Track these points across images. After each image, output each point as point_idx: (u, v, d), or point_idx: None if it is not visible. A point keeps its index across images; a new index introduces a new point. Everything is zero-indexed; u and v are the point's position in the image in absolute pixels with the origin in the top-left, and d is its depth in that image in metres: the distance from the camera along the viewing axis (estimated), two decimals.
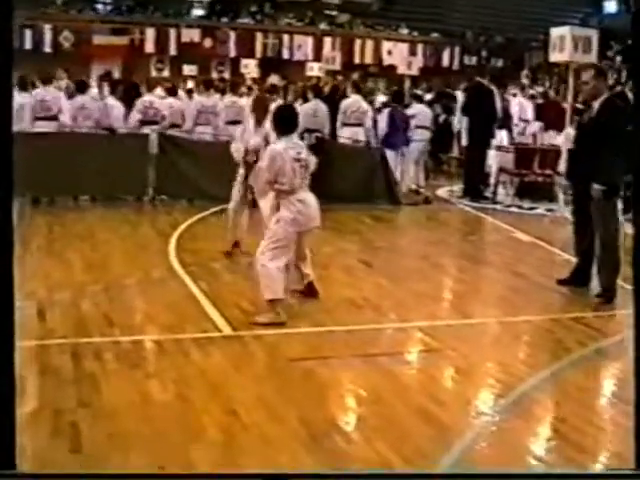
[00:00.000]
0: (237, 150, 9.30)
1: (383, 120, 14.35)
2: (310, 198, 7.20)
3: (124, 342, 6.39)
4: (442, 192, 15.32)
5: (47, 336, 6.47)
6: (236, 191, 9.48)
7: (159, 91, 15.83)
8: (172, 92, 15.38)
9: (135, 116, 13.87)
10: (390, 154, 13.83)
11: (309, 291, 7.75)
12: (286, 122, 7.27)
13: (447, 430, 4.90)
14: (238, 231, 9.56)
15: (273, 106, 9.46)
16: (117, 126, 13.45)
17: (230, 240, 9.55)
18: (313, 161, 7.43)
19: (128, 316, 7.09)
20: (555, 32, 12.81)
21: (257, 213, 8.62)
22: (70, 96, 13.84)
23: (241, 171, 9.32)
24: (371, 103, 16.51)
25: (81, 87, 13.73)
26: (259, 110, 9.41)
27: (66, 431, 4.73)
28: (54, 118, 12.99)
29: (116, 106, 13.72)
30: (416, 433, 4.86)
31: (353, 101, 14.72)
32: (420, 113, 15.19)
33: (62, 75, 16.83)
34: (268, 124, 8.98)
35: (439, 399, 5.38)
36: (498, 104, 14.81)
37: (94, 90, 14.36)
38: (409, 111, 14.99)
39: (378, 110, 15.42)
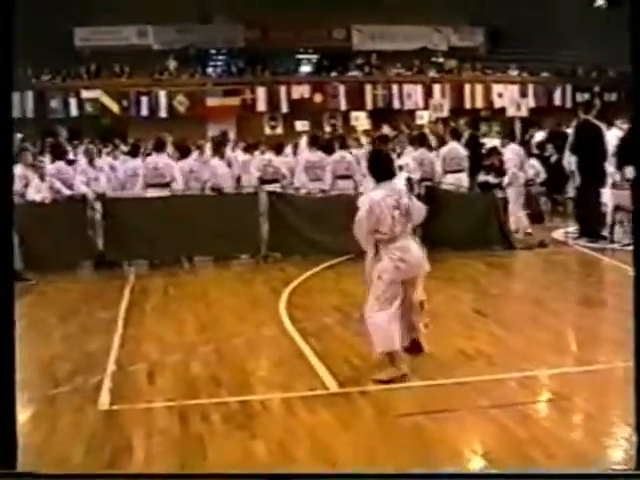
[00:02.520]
0: None
1: None
2: (412, 245, 6.96)
3: (231, 402, 6.39)
4: (558, 234, 14.95)
5: (156, 398, 6.54)
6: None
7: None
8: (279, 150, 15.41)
9: (254, 174, 14.08)
10: None
11: (412, 347, 7.38)
12: (381, 168, 7.04)
13: None
14: None
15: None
16: (224, 185, 13.64)
17: None
18: (419, 207, 7.19)
19: (236, 376, 7.08)
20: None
21: None
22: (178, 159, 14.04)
23: None
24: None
25: (184, 151, 14.00)
26: None
27: None
28: (167, 185, 13.24)
29: (220, 165, 13.95)
30: None
31: (451, 148, 14.65)
32: (511, 156, 14.98)
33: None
34: None
35: (550, 452, 5.15)
36: (610, 140, 14.46)
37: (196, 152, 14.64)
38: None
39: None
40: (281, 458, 5.23)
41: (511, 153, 15.12)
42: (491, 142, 18.27)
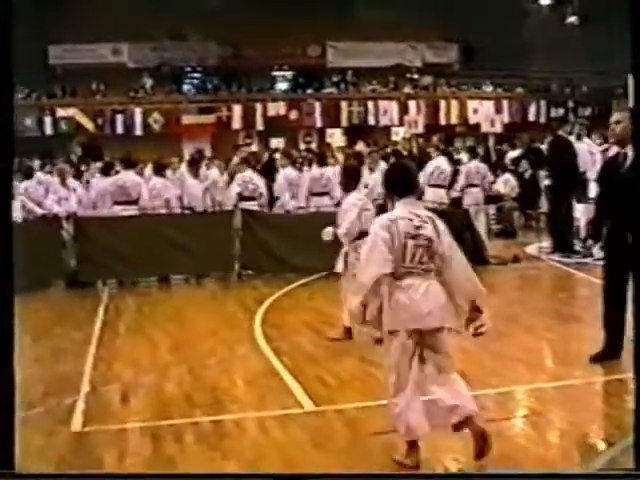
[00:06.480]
0: (327, 233, 8.80)
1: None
2: (425, 288, 5.37)
3: (204, 423, 6.37)
4: (531, 249, 15.02)
5: (129, 419, 6.51)
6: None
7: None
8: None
9: (234, 190, 14.02)
10: None
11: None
12: (397, 184, 5.57)
13: None
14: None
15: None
16: (194, 204, 13.63)
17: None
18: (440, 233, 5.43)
19: (210, 396, 7.05)
20: (632, 76, 12.44)
21: None
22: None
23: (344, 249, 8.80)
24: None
25: (159, 169, 14.03)
26: (347, 180, 9.11)
27: None
28: (134, 202, 13.26)
29: (193, 184, 13.94)
30: None
31: (439, 162, 14.67)
32: (470, 171, 15.13)
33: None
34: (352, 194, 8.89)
35: (522, 469, 5.16)
36: (584, 155, 14.58)
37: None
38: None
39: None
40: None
41: (466, 170, 15.21)
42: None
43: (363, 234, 7.92)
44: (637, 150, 4.49)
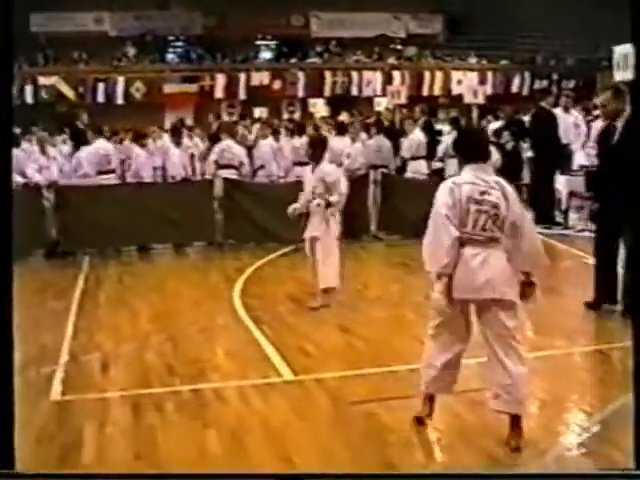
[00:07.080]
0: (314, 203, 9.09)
1: None
2: (483, 258, 5.16)
3: (185, 392, 6.37)
4: None
5: (109, 389, 6.50)
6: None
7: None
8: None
9: (212, 158, 13.94)
10: None
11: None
12: (467, 148, 5.44)
13: None
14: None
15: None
16: (176, 174, 13.60)
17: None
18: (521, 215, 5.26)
19: (190, 365, 7.05)
20: (619, 50, 12.51)
21: None
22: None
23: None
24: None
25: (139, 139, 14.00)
26: (315, 152, 9.26)
27: None
28: (114, 171, 13.31)
29: (175, 154, 13.88)
30: None
31: (414, 135, 14.69)
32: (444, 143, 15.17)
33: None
34: (324, 164, 8.96)
35: (501, 439, 5.17)
36: (567, 127, 14.59)
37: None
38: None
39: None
40: (231, 447, 5.22)
41: (450, 141, 15.25)
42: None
43: None
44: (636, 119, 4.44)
